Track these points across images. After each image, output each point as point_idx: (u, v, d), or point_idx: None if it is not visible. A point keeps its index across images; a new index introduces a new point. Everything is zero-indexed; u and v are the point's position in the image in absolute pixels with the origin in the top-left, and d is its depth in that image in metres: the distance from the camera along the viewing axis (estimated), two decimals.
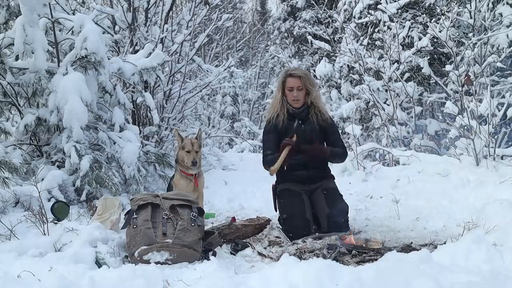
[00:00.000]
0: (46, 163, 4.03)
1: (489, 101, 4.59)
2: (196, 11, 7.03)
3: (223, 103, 15.45)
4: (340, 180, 4.85)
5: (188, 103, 7.08)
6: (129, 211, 2.74)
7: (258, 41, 21.03)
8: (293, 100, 3.27)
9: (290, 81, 3.27)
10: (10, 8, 4.43)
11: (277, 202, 3.39)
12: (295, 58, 12.99)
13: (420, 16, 7.67)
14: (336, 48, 8.91)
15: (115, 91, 4.64)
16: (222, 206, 4.42)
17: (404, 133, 6.63)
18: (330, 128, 3.37)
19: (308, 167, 3.27)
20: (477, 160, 4.48)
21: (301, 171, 3.29)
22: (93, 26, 4.25)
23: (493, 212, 2.71)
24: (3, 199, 3.32)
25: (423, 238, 2.88)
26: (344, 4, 9.14)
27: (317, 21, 12.65)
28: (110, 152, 4.32)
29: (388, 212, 3.66)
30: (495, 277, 1.82)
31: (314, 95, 3.32)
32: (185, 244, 2.50)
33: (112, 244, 2.63)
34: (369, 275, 1.82)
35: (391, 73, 6.69)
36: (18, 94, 4.32)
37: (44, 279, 1.96)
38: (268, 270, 2.13)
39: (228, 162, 7.29)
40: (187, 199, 2.84)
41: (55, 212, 3.21)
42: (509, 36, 5.72)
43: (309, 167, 3.27)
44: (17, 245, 2.54)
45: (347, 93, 8.21)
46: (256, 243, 2.92)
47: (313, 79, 3.44)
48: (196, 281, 2.09)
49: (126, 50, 6.02)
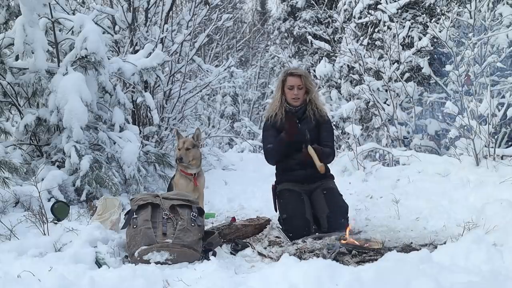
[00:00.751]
0: (46, 163, 4.03)
1: (489, 101, 4.59)
2: (196, 11, 7.03)
3: (223, 103, 15.45)
4: (340, 180, 4.85)
5: (188, 103, 7.08)
6: (129, 211, 2.74)
7: (258, 41, 21.03)
8: (293, 98, 3.31)
9: (290, 79, 3.32)
10: (10, 8, 4.43)
11: (277, 202, 3.40)
12: (295, 58, 12.99)
13: (420, 16, 7.67)
14: (336, 48, 8.91)
15: (115, 91, 4.64)
16: (222, 206, 4.42)
17: (404, 133, 6.62)
18: (325, 124, 3.40)
19: (306, 167, 3.28)
20: (477, 160, 4.48)
21: (299, 170, 3.30)
22: (93, 26, 4.25)
23: (493, 212, 2.71)
24: (3, 199, 3.32)
25: (423, 238, 2.88)
26: (344, 4, 9.13)
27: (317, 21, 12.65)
28: (110, 152, 4.32)
29: (388, 212, 3.66)
30: (495, 277, 1.82)
31: (314, 93, 3.38)
32: (185, 244, 2.50)
33: (112, 244, 2.63)
34: (369, 275, 1.82)
35: (391, 73, 6.69)
36: (18, 94, 4.32)
37: (44, 279, 1.96)
38: (268, 270, 2.13)
39: (228, 162, 7.29)
40: (187, 199, 2.84)
41: (55, 212, 3.21)
42: (509, 36, 5.71)
43: (307, 167, 3.27)
44: (17, 245, 2.54)
45: (347, 93, 8.20)
46: (256, 243, 2.92)
47: (312, 79, 3.48)
48: (196, 281, 2.09)
49: (126, 50, 6.02)
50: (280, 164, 3.44)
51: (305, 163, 3.24)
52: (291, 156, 3.32)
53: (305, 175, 3.30)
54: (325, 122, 3.39)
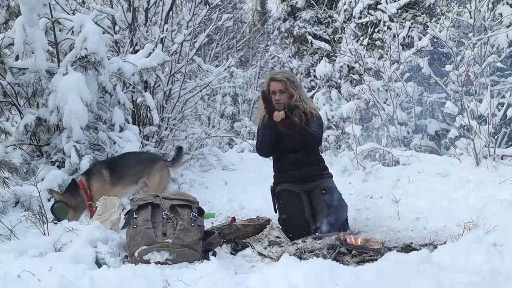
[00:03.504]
0: (46, 163, 4.04)
1: (489, 101, 4.59)
2: (196, 11, 7.03)
3: (223, 103, 15.45)
4: (340, 180, 4.86)
5: (188, 103, 7.08)
6: (129, 211, 2.74)
7: (258, 41, 21.03)
8: (276, 103, 3.30)
9: (272, 84, 3.35)
10: (10, 8, 4.44)
11: (276, 203, 3.40)
12: (295, 58, 12.98)
13: (420, 16, 7.67)
14: (336, 48, 8.91)
15: (115, 91, 4.64)
16: (222, 206, 4.42)
17: (404, 133, 6.62)
18: (313, 118, 3.35)
19: (300, 167, 3.31)
20: (477, 160, 4.48)
21: (293, 170, 3.33)
22: (93, 26, 4.25)
23: (493, 212, 2.71)
24: (3, 199, 3.32)
25: (423, 238, 2.87)
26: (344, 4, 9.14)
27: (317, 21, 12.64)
28: (110, 152, 4.32)
29: (388, 212, 3.66)
30: (495, 277, 1.82)
31: (297, 97, 3.35)
32: (185, 244, 2.50)
33: (112, 244, 2.63)
34: (369, 275, 1.82)
35: (391, 73, 6.69)
36: (18, 94, 4.32)
37: (44, 279, 1.95)
38: (268, 270, 2.13)
39: (228, 162, 7.29)
40: (187, 199, 2.85)
41: (55, 212, 3.21)
42: (509, 36, 5.71)
43: (301, 167, 3.31)
44: (17, 245, 2.54)
45: (347, 93, 8.20)
46: (256, 243, 2.92)
47: (297, 82, 3.46)
48: (196, 281, 2.09)
49: (126, 50, 6.02)
50: (276, 165, 3.47)
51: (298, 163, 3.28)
52: (283, 157, 3.36)
53: (300, 174, 3.32)
54: (313, 116, 3.37)
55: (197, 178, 5.88)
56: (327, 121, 7.75)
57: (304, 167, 3.30)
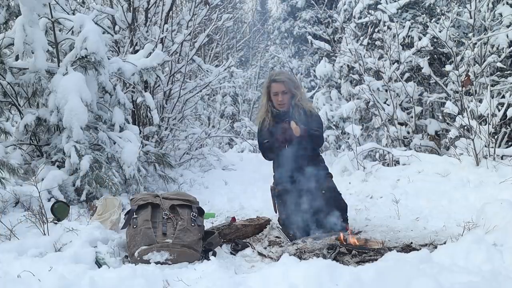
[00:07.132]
0: (46, 163, 4.03)
1: (489, 101, 4.60)
2: (196, 11, 7.02)
3: (223, 103, 15.44)
4: (340, 180, 4.87)
5: (188, 103, 7.08)
6: (129, 211, 2.74)
7: (258, 41, 21.03)
8: (279, 104, 3.41)
9: (274, 86, 3.41)
10: (10, 8, 4.43)
11: (276, 203, 3.41)
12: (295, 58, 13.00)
13: (420, 16, 7.66)
14: (336, 48, 8.91)
15: (115, 91, 4.64)
16: (222, 206, 4.42)
17: (404, 133, 6.63)
18: (313, 117, 3.43)
19: (300, 166, 3.33)
20: (477, 160, 4.48)
21: (293, 170, 3.34)
22: (93, 26, 4.24)
23: (493, 212, 2.71)
24: (3, 199, 3.32)
25: (423, 238, 2.88)
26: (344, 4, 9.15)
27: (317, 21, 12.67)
28: (110, 152, 4.32)
29: (388, 212, 3.67)
30: (495, 277, 1.82)
31: (298, 97, 3.43)
32: (185, 244, 2.50)
33: (112, 244, 2.63)
34: (369, 275, 1.82)
35: (391, 73, 6.69)
36: (18, 94, 4.32)
37: (44, 279, 1.96)
38: (268, 270, 2.13)
39: (228, 162, 7.28)
40: (187, 199, 2.85)
41: (55, 212, 3.21)
42: (509, 36, 5.71)
43: (301, 166, 3.33)
44: (17, 245, 2.54)
45: (347, 93, 8.20)
46: (256, 243, 2.92)
47: (297, 82, 3.57)
48: (196, 281, 2.09)
49: (126, 50, 6.02)
50: (275, 165, 3.49)
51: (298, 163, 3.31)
52: (283, 157, 3.37)
53: (300, 174, 3.32)
54: (312, 115, 3.44)
55: (197, 178, 5.88)
56: (327, 121, 7.76)
57: (304, 167, 3.31)
